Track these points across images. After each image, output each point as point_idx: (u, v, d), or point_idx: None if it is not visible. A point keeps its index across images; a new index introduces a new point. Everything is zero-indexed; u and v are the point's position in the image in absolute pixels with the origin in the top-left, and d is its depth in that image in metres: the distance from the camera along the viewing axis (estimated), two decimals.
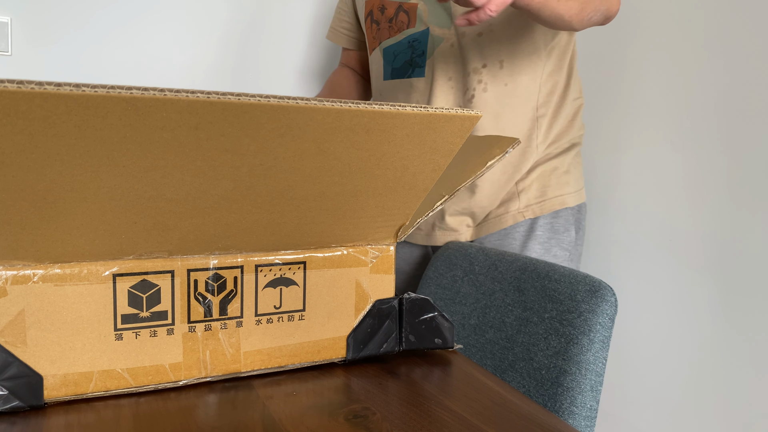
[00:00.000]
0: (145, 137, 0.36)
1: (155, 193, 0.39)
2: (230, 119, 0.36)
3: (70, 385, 0.43)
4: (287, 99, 0.37)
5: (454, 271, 0.93)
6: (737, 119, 0.99)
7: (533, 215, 1.00)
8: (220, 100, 0.35)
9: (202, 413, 0.43)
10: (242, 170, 0.40)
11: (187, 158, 0.38)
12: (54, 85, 0.31)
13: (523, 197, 1.00)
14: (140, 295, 0.44)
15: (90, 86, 0.32)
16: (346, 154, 0.42)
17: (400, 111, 0.41)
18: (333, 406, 0.45)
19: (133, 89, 0.33)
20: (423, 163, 0.46)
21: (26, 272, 0.40)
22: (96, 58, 1.35)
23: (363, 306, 0.53)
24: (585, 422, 0.69)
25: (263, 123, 0.38)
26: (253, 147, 0.39)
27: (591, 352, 0.70)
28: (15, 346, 0.41)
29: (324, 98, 0.39)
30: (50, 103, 0.32)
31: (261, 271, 0.48)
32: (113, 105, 0.33)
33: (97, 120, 0.34)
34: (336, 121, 0.40)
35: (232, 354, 0.48)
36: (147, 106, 0.34)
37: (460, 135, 0.46)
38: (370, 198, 0.47)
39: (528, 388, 0.75)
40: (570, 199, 1.01)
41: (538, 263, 0.82)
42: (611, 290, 0.71)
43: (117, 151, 0.36)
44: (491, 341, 0.83)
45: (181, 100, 0.34)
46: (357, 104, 0.40)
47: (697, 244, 1.04)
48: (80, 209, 0.39)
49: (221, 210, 0.43)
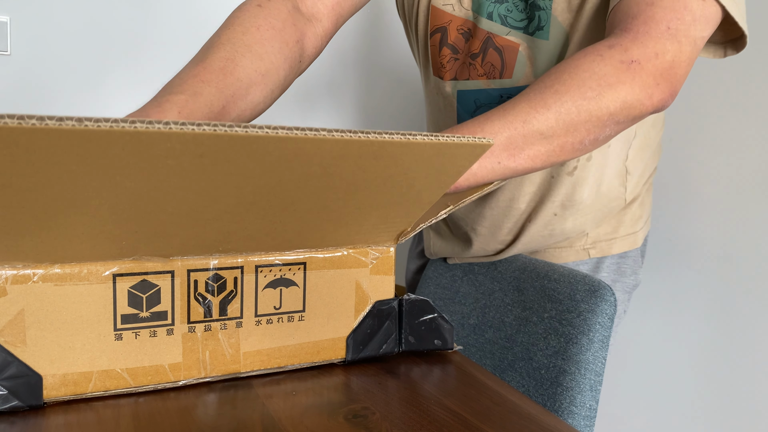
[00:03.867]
0: (149, 164, 0.35)
1: (156, 208, 0.39)
2: (236, 148, 0.36)
3: (69, 384, 0.43)
4: (295, 130, 0.36)
5: (453, 271, 0.93)
6: (734, 118, 0.99)
7: (600, 254, 0.84)
8: (226, 133, 0.34)
9: (201, 413, 0.43)
10: (246, 189, 0.40)
11: (190, 181, 0.37)
12: (56, 120, 0.30)
13: (592, 232, 0.84)
14: (140, 295, 0.44)
15: (93, 120, 0.31)
16: (352, 176, 0.42)
17: (411, 141, 0.40)
18: (332, 405, 0.45)
19: (137, 123, 0.32)
20: (429, 182, 0.46)
21: (26, 272, 0.40)
22: (96, 57, 1.35)
23: (363, 307, 0.53)
24: (584, 422, 0.69)
25: (270, 151, 0.37)
26: (258, 170, 0.38)
27: (590, 351, 0.70)
28: (14, 346, 0.41)
29: (332, 129, 0.37)
30: (52, 137, 0.31)
31: (261, 271, 0.48)
32: (116, 138, 0.32)
33: (100, 151, 0.33)
34: (344, 149, 0.39)
35: (232, 354, 0.48)
36: (151, 139, 0.33)
37: (470, 160, 0.45)
38: (373, 210, 0.47)
39: (527, 387, 0.75)
40: (640, 236, 0.86)
41: (537, 263, 0.82)
42: (610, 290, 0.71)
43: (119, 175, 0.35)
44: (491, 341, 0.83)
45: (186, 134, 0.33)
46: (366, 134, 0.38)
47: (697, 244, 1.04)
48: (81, 221, 0.39)
49: (223, 221, 0.43)
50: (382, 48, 1.60)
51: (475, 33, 0.77)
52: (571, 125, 0.56)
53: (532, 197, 0.81)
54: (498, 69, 0.76)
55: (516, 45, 0.74)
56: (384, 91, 1.68)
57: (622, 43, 0.57)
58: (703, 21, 0.59)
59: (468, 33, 0.78)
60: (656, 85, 0.57)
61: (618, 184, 0.81)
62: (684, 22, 0.58)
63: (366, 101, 1.67)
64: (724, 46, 0.69)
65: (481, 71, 0.78)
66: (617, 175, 0.80)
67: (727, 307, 1.00)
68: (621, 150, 0.79)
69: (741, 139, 0.98)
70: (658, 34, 0.57)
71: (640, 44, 0.57)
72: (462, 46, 0.80)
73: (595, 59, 0.56)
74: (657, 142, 0.85)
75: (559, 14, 0.72)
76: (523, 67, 0.74)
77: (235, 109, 0.62)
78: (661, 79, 0.57)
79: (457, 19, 0.79)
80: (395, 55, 1.66)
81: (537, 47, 0.73)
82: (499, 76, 0.76)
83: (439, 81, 0.85)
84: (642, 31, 0.57)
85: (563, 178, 0.78)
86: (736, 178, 0.98)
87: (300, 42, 0.70)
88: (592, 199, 0.80)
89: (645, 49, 0.57)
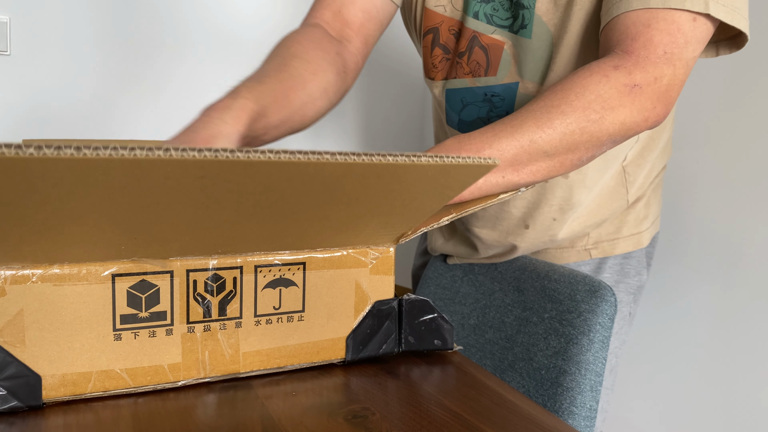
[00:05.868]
0: (149, 184, 0.35)
1: (156, 219, 0.39)
2: (238, 171, 0.35)
3: (68, 385, 0.42)
4: (298, 154, 0.35)
5: (453, 271, 0.93)
6: (731, 117, 0.99)
7: (602, 255, 0.84)
8: (228, 159, 0.33)
9: (201, 413, 0.43)
10: (247, 204, 0.40)
11: (190, 197, 0.37)
12: (54, 149, 0.30)
13: (594, 232, 0.83)
14: (139, 296, 0.44)
15: (91, 148, 0.30)
16: (354, 192, 0.42)
17: (415, 163, 0.39)
18: (332, 406, 0.45)
19: (136, 150, 0.31)
20: (432, 197, 0.46)
21: (25, 272, 0.40)
22: (95, 57, 1.35)
23: (362, 307, 0.53)
24: (585, 422, 0.69)
25: (272, 173, 0.36)
26: (259, 188, 0.38)
27: (591, 352, 0.70)
28: (14, 346, 0.41)
29: (336, 152, 0.37)
30: (49, 165, 0.31)
31: (260, 271, 0.48)
32: (116, 165, 0.32)
33: (99, 176, 0.32)
34: (347, 171, 0.38)
35: (231, 354, 0.48)
36: (152, 165, 0.32)
37: (475, 178, 0.45)
38: (374, 218, 0.47)
39: (528, 388, 0.75)
40: (646, 236, 0.85)
41: (537, 263, 0.82)
42: (611, 290, 0.71)
43: (118, 194, 0.35)
44: (491, 341, 0.83)
45: (187, 161, 0.33)
46: (370, 156, 0.38)
47: (697, 244, 1.04)
48: (79, 232, 0.38)
49: (222, 229, 0.43)
50: (380, 46, 1.60)
51: (462, 32, 0.79)
52: (573, 145, 0.59)
53: (525, 203, 0.80)
54: (483, 67, 0.77)
55: (501, 43, 0.75)
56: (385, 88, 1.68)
57: (626, 66, 0.59)
58: (695, 42, 0.61)
59: (458, 33, 0.80)
60: (653, 108, 0.61)
61: (616, 184, 0.81)
62: (678, 45, 0.60)
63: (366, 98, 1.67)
64: (716, 45, 0.70)
65: (466, 69, 0.79)
66: (615, 176, 0.80)
67: (727, 307, 1.00)
68: (619, 152, 0.79)
69: (740, 138, 0.98)
70: (656, 58, 0.60)
71: (642, 69, 0.59)
72: (453, 47, 0.81)
73: (601, 80, 0.59)
74: (664, 142, 0.84)
75: (544, 14, 0.72)
76: (508, 65, 0.76)
77: (296, 99, 0.65)
78: (657, 102, 0.61)
79: (448, 20, 0.80)
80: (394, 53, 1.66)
81: (521, 45, 0.74)
82: (484, 74, 0.77)
83: (431, 82, 0.86)
84: (642, 55, 0.60)
85: (558, 181, 0.78)
86: (736, 177, 0.98)
87: (340, 54, 0.74)
88: (591, 201, 0.80)
89: (646, 74, 0.59)
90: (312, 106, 0.68)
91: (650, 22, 0.60)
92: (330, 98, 0.72)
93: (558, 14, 0.72)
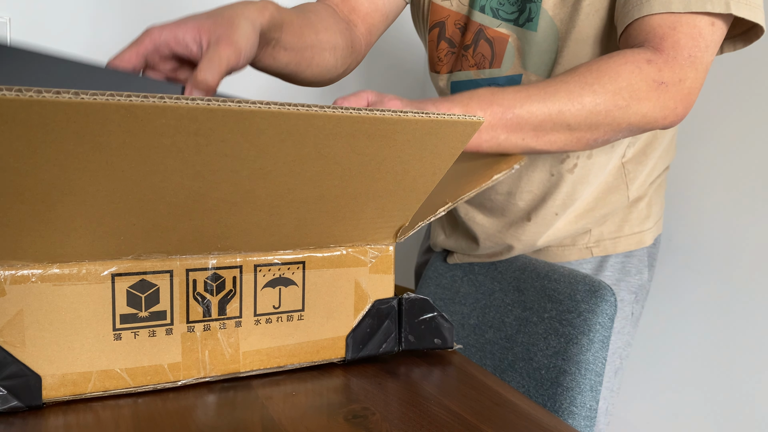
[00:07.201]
0: (144, 143, 0.36)
1: (154, 196, 0.39)
2: (230, 125, 0.36)
3: (68, 385, 0.42)
4: (288, 105, 0.37)
5: (453, 271, 0.93)
6: (733, 118, 0.99)
7: (604, 253, 0.84)
8: (220, 108, 0.35)
9: (201, 413, 0.43)
10: (242, 174, 0.40)
11: (186, 163, 0.38)
12: (53, 93, 0.31)
13: (595, 230, 0.84)
14: (139, 295, 0.44)
15: (89, 93, 0.32)
16: (347, 159, 0.42)
17: (402, 117, 0.41)
18: (332, 406, 0.45)
19: (132, 96, 0.33)
20: (423, 166, 0.46)
21: (25, 272, 0.40)
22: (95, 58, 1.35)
23: (362, 306, 0.53)
24: (585, 422, 0.69)
25: (264, 129, 0.38)
26: (253, 152, 0.39)
27: (590, 352, 0.70)
28: (13, 346, 0.41)
29: (325, 105, 0.39)
30: (48, 110, 0.32)
31: (260, 271, 0.48)
32: (112, 112, 0.33)
33: (96, 126, 0.34)
34: (336, 127, 0.40)
35: (231, 354, 0.48)
36: (146, 113, 0.34)
37: (462, 140, 0.46)
38: (369, 200, 0.47)
39: (527, 388, 0.75)
40: (648, 236, 0.86)
41: (537, 263, 0.82)
42: (611, 290, 0.71)
43: (116, 156, 0.36)
44: (491, 341, 0.83)
45: (180, 108, 0.34)
46: (358, 111, 0.39)
47: (697, 244, 1.04)
48: (78, 212, 0.39)
49: (220, 212, 0.43)
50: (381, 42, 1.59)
51: (468, 26, 0.80)
52: (595, 124, 0.60)
53: (532, 197, 0.81)
54: (488, 59, 0.79)
55: (506, 36, 0.77)
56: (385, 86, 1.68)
57: (657, 62, 0.61)
58: (713, 45, 0.63)
59: (464, 27, 0.81)
60: (674, 108, 0.62)
61: (615, 180, 0.81)
62: (700, 49, 0.62)
63: None
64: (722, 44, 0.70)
65: (472, 62, 0.81)
66: (614, 171, 0.81)
67: (727, 307, 1.00)
68: (620, 147, 0.79)
69: (740, 138, 0.98)
70: (683, 60, 0.61)
71: (670, 68, 0.61)
72: (458, 40, 0.83)
73: (634, 71, 0.60)
74: (667, 142, 0.85)
75: (550, 8, 0.73)
76: (512, 57, 0.78)
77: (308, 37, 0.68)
78: (680, 103, 0.62)
79: (454, 14, 0.82)
80: (396, 49, 1.66)
81: (526, 38, 0.76)
82: (489, 65, 0.79)
83: (435, 75, 0.87)
84: (671, 55, 0.61)
85: (564, 176, 0.78)
86: (736, 176, 0.98)
87: (349, 30, 0.78)
88: (593, 197, 0.80)
89: (673, 74, 0.61)
90: (320, 54, 0.71)
91: (675, 25, 0.61)
92: (336, 59, 0.75)
93: (566, 9, 0.73)
